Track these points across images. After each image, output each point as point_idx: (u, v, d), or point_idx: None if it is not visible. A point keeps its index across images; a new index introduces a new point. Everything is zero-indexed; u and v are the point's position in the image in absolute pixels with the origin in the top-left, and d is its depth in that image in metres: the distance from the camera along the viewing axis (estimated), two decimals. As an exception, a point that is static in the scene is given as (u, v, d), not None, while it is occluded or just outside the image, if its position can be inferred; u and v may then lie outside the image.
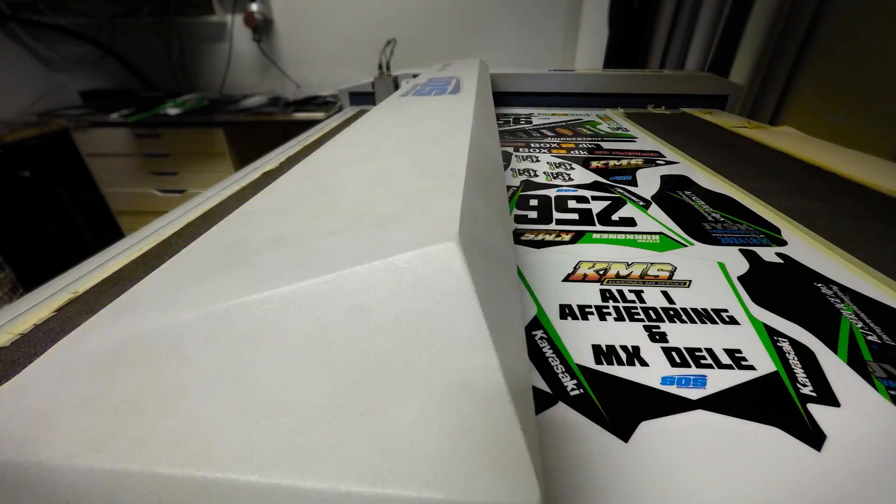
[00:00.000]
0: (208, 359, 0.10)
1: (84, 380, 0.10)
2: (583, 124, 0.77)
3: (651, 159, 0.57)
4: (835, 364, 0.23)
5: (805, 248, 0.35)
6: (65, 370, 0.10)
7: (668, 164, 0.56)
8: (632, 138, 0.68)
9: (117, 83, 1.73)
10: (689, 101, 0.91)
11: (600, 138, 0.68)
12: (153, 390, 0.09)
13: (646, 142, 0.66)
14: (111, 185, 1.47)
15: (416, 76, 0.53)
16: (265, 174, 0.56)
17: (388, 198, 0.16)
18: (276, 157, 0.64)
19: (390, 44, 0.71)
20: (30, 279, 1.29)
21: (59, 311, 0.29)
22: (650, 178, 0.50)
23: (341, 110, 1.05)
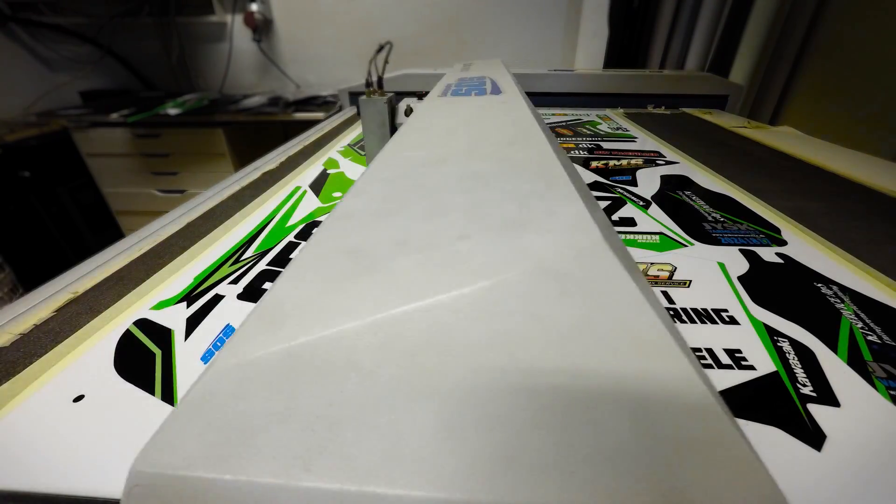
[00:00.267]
0: (388, 371, 0.09)
1: (264, 395, 0.09)
2: (583, 124, 0.77)
3: (651, 159, 0.57)
4: (835, 364, 0.23)
5: (805, 248, 0.35)
6: (240, 384, 0.09)
7: (668, 164, 0.56)
8: (632, 138, 0.68)
9: (117, 83, 1.73)
10: (689, 101, 0.91)
11: (600, 138, 0.68)
12: (342, 405, 0.09)
13: (646, 142, 0.66)
14: (111, 185, 1.47)
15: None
16: (265, 174, 0.56)
17: (497, 201, 0.15)
18: (276, 157, 0.64)
19: (384, 49, 0.51)
20: (30, 279, 1.29)
21: (59, 311, 0.29)
22: (650, 178, 0.50)
23: (341, 110, 1.05)
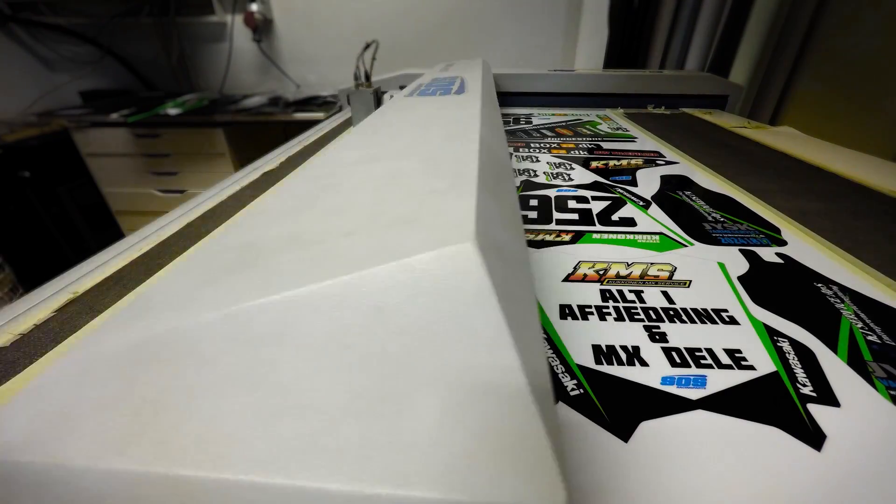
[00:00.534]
0: (228, 360, 0.10)
1: (103, 382, 0.10)
2: (583, 124, 0.77)
3: (651, 159, 0.57)
4: (835, 364, 0.23)
5: (805, 248, 0.35)
6: (84, 372, 0.10)
7: (668, 164, 0.56)
8: (632, 138, 0.68)
9: (117, 83, 1.73)
10: (689, 101, 0.91)
11: (600, 138, 0.68)
12: (173, 392, 0.09)
13: (646, 142, 0.66)
14: (111, 185, 1.47)
15: (403, 87, 0.53)
16: (265, 174, 0.56)
17: (400, 199, 0.16)
18: (276, 157, 0.64)
19: (370, 47, 0.54)
20: (30, 279, 1.29)
21: (59, 311, 0.29)
22: (650, 178, 0.50)
23: (341, 110, 1.05)
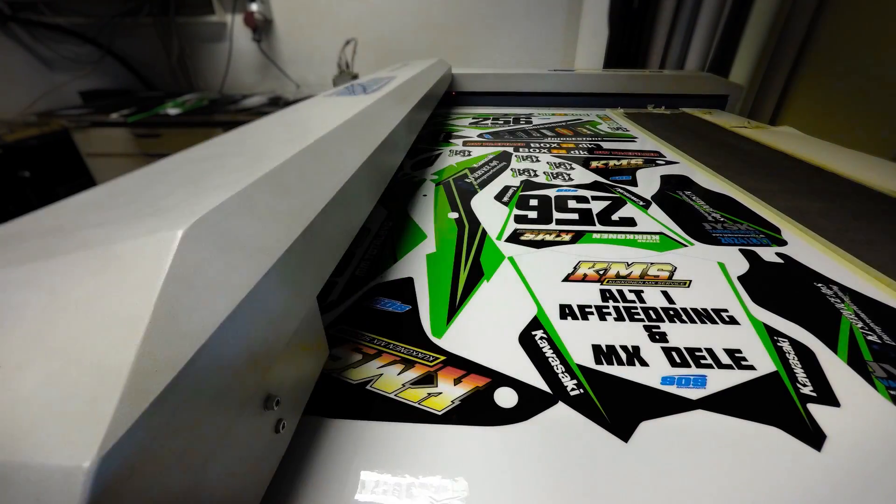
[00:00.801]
0: None
1: None
2: (583, 124, 0.77)
3: (651, 159, 0.57)
4: (835, 364, 0.23)
5: (805, 248, 0.35)
6: None
7: (668, 164, 0.56)
8: (632, 138, 0.68)
9: (117, 83, 1.73)
10: (689, 101, 0.91)
11: (600, 138, 0.68)
12: None
13: (646, 142, 0.66)
14: (111, 185, 1.47)
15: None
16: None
17: (182, 193, 0.16)
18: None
19: (350, 43, 0.67)
20: (30, 279, 1.29)
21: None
22: (650, 178, 0.50)
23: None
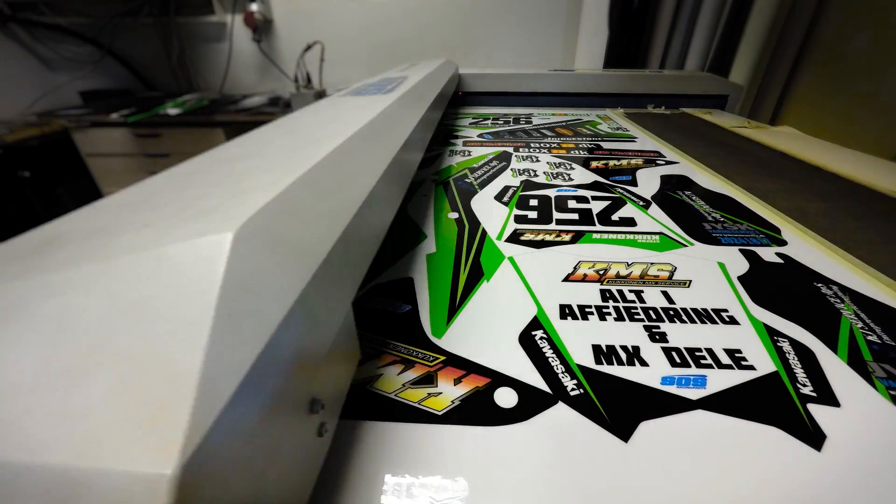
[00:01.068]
0: None
1: None
2: (583, 124, 0.77)
3: (651, 159, 0.57)
4: (835, 364, 0.23)
5: (805, 248, 0.35)
6: None
7: (668, 164, 0.56)
8: (632, 138, 0.68)
9: (117, 83, 1.73)
10: (689, 101, 0.91)
11: (600, 138, 0.68)
12: None
13: (646, 142, 0.66)
14: (111, 185, 1.47)
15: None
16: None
17: (221, 194, 0.16)
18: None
19: (311, 48, 0.57)
20: (30, 279, 1.29)
21: None
22: (650, 178, 0.50)
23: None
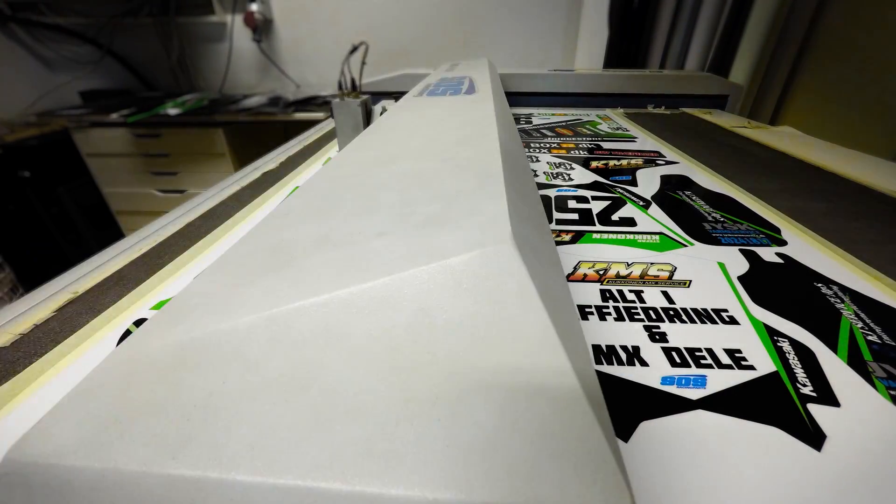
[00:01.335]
0: (274, 364, 0.10)
1: (151, 385, 0.10)
2: (583, 124, 0.77)
3: (651, 159, 0.57)
4: (835, 364, 0.23)
5: (805, 248, 0.35)
6: (130, 375, 0.10)
7: (668, 164, 0.56)
8: (632, 138, 0.68)
9: (117, 83, 1.73)
10: (689, 101, 0.91)
11: (600, 138, 0.68)
12: (222, 396, 0.09)
13: (646, 142, 0.66)
14: (111, 185, 1.47)
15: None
16: (265, 174, 0.56)
17: (429, 199, 0.16)
18: (276, 157, 0.64)
19: (358, 49, 0.45)
20: (30, 279, 1.29)
21: (59, 311, 0.29)
22: (650, 178, 0.50)
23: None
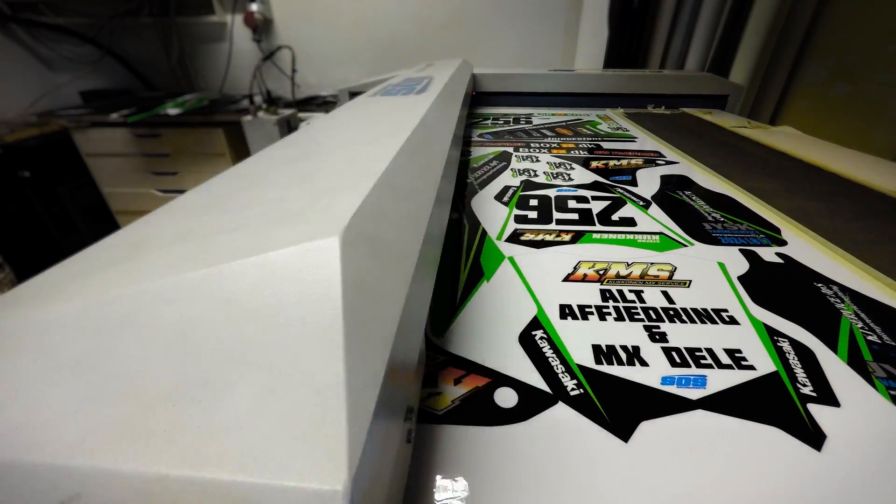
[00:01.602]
0: (72, 348, 0.10)
1: None
2: (583, 124, 0.77)
3: (651, 159, 0.57)
4: (835, 364, 0.23)
5: (805, 248, 0.35)
6: None
7: (668, 164, 0.56)
8: (632, 138, 0.68)
9: (117, 83, 1.73)
10: (689, 101, 0.91)
11: (600, 138, 0.68)
12: (10, 379, 0.10)
13: (646, 142, 0.66)
14: (111, 185, 1.47)
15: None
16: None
17: (301, 196, 0.16)
18: (275, 157, 0.63)
19: (274, 55, 0.58)
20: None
21: None
22: (650, 178, 0.50)
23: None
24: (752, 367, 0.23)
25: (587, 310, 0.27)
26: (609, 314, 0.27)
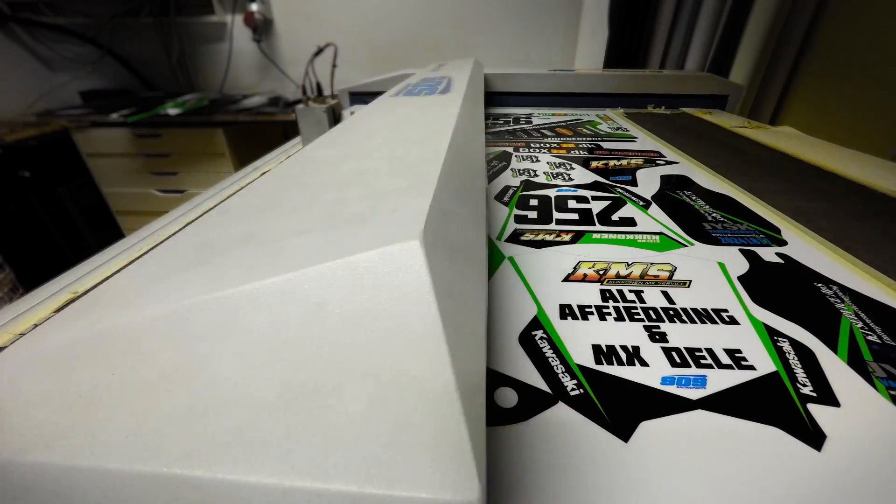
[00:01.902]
0: (165, 356, 0.10)
1: (41, 376, 0.10)
2: (583, 124, 0.77)
3: (651, 159, 0.57)
4: (835, 364, 0.23)
5: (805, 248, 0.35)
6: (23, 366, 0.10)
7: (668, 164, 0.56)
8: (632, 138, 0.68)
9: (117, 83, 1.73)
10: (689, 101, 0.91)
11: (600, 138, 0.68)
12: (107, 387, 0.10)
13: (646, 142, 0.66)
14: (111, 185, 1.47)
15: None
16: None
17: (361, 197, 0.16)
18: (276, 157, 0.64)
19: (323, 50, 0.57)
20: (30, 279, 1.29)
21: (59, 311, 0.29)
22: (650, 178, 0.50)
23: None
24: (752, 367, 0.23)
25: (587, 310, 0.27)
26: (609, 314, 0.27)
